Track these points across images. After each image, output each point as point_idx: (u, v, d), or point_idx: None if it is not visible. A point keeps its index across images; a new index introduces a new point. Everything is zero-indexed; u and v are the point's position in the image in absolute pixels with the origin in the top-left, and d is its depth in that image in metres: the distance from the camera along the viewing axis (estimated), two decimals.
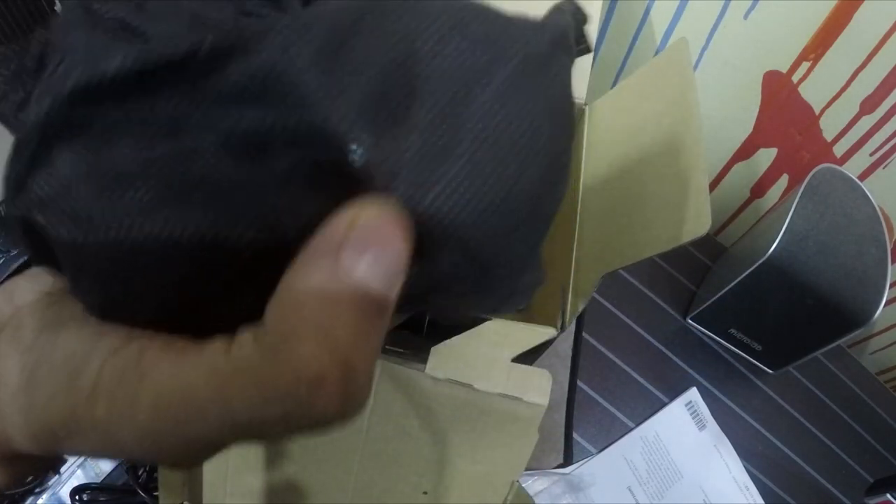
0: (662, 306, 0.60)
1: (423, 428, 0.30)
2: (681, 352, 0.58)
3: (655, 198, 0.33)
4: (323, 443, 0.32)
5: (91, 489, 0.45)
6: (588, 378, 0.54)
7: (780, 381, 0.58)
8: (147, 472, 0.45)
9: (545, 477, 0.48)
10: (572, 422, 0.51)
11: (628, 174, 0.37)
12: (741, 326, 0.56)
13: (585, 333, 0.56)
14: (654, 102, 0.38)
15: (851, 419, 0.57)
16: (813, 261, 0.46)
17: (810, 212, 0.47)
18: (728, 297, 0.53)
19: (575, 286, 0.36)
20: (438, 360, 0.29)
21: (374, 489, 0.32)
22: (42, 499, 0.46)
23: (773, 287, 0.48)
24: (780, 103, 0.55)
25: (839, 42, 0.48)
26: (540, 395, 0.29)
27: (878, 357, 0.68)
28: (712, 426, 0.54)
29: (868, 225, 0.48)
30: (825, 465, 0.54)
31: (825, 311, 0.47)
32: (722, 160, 0.64)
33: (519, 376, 0.29)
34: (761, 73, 0.54)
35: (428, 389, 0.29)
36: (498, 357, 0.30)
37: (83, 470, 0.47)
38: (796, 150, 0.58)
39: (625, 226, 0.34)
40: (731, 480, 0.51)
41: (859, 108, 0.50)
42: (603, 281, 0.33)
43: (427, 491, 0.31)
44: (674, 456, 0.52)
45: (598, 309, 0.59)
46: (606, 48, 0.62)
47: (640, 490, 0.50)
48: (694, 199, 0.30)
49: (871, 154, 0.53)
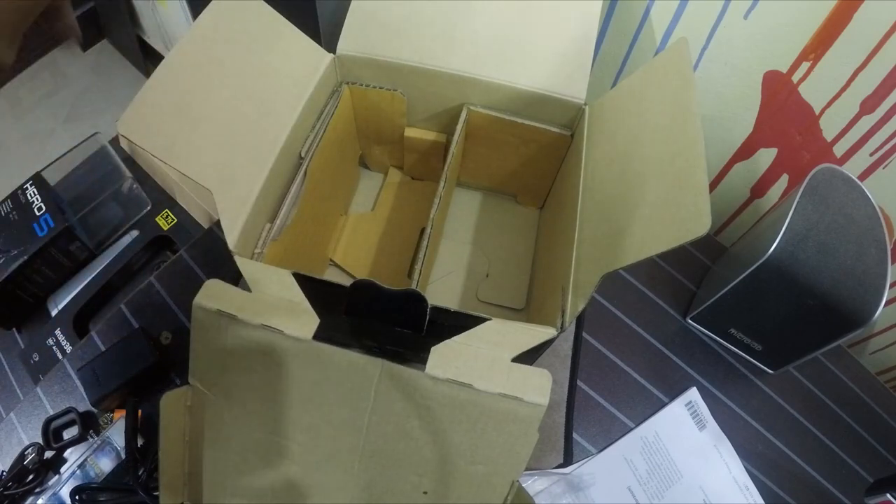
0: (662, 306, 0.60)
1: (422, 428, 0.30)
2: (681, 352, 0.58)
3: (656, 197, 0.33)
4: (323, 442, 0.32)
5: (91, 489, 0.45)
6: (588, 378, 0.55)
7: (780, 381, 0.58)
8: (147, 472, 0.45)
9: (545, 477, 0.48)
10: (572, 422, 0.51)
11: (628, 173, 0.37)
12: (741, 326, 0.56)
13: (585, 333, 0.56)
14: (654, 102, 0.38)
15: (851, 419, 0.57)
16: (813, 261, 0.46)
17: (810, 212, 0.47)
18: (728, 297, 0.53)
19: (575, 286, 0.36)
20: (438, 359, 0.29)
21: (374, 489, 0.32)
22: (42, 499, 0.46)
23: (773, 287, 0.48)
24: (780, 103, 0.55)
25: (839, 42, 0.48)
26: (540, 394, 0.28)
27: (878, 357, 0.68)
28: (712, 426, 0.54)
29: (868, 225, 0.48)
30: (825, 465, 0.54)
31: (825, 311, 0.47)
32: (722, 160, 0.64)
33: (519, 376, 0.29)
34: (761, 73, 0.54)
35: (428, 389, 0.29)
36: (498, 357, 0.30)
37: (83, 470, 0.47)
38: (796, 150, 0.58)
39: (625, 226, 0.34)
40: (731, 480, 0.51)
41: (859, 108, 0.50)
42: (603, 281, 0.33)
43: (427, 491, 0.31)
44: (674, 456, 0.52)
45: (598, 309, 0.59)
46: (606, 48, 0.62)
47: (640, 490, 0.50)
48: (694, 199, 0.30)
49: (871, 154, 0.53)
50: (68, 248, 0.61)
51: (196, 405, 0.33)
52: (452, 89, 0.48)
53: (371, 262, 0.56)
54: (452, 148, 0.47)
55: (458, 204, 0.61)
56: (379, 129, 0.55)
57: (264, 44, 0.42)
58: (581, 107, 0.46)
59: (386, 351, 0.30)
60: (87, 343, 0.54)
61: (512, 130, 0.50)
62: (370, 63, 0.48)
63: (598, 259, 0.35)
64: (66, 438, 0.48)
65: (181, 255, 0.59)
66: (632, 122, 0.40)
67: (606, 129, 0.43)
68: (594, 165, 0.42)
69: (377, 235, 0.58)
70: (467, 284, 0.55)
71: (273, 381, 0.31)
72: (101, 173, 0.67)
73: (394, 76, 0.49)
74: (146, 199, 0.69)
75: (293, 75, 0.44)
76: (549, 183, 0.56)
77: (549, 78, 0.46)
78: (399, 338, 0.31)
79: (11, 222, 0.59)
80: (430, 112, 0.52)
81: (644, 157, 0.36)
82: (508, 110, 0.49)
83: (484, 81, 0.47)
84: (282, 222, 0.42)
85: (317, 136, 0.46)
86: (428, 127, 0.54)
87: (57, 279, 0.63)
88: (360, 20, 0.48)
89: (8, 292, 0.59)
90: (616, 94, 0.44)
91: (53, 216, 0.59)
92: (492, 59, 0.47)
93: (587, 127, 0.45)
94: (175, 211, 0.69)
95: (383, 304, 0.32)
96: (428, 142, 0.55)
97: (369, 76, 0.49)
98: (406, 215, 0.59)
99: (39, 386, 0.52)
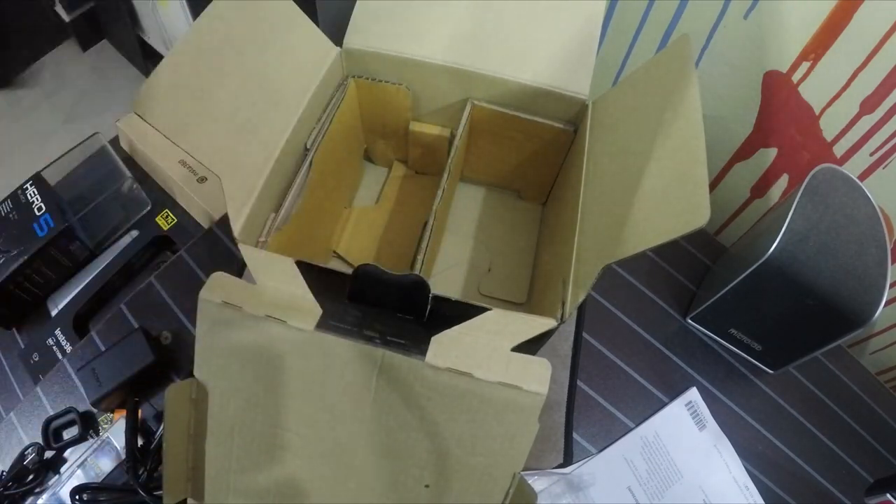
0: (662, 306, 0.60)
1: (423, 418, 0.30)
2: (681, 352, 0.58)
3: (656, 190, 0.33)
4: (325, 434, 0.32)
5: (91, 489, 0.45)
6: (588, 378, 0.55)
7: (780, 381, 0.58)
8: (147, 472, 0.45)
9: (545, 477, 0.48)
10: (572, 422, 0.51)
11: (629, 167, 0.37)
12: (741, 326, 0.56)
13: (585, 333, 0.56)
14: (656, 97, 0.38)
15: (851, 419, 0.57)
16: (813, 261, 0.46)
17: (810, 212, 0.47)
18: (728, 297, 0.53)
19: (575, 278, 0.36)
20: (438, 348, 0.30)
21: (376, 483, 0.32)
22: (42, 499, 0.46)
23: (773, 287, 0.48)
24: (780, 103, 0.55)
25: (839, 42, 0.48)
26: (539, 383, 0.28)
27: (878, 357, 0.68)
28: (712, 426, 0.54)
29: (868, 225, 0.48)
30: (825, 465, 0.54)
31: (825, 311, 0.47)
32: (722, 160, 0.64)
33: (518, 365, 0.29)
34: (761, 73, 0.54)
35: (428, 379, 0.29)
36: (498, 346, 0.30)
37: (83, 470, 0.47)
38: (796, 150, 0.58)
39: (625, 218, 0.34)
40: (731, 480, 0.51)
41: (859, 108, 0.50)
42: (603, 274, 0.33)
43: (429, 484, 0.31)
44: (674, 456, 0.52)
45: (598, 309, 0.59)
46: (607, 48, 0.62)
47: (640, 490, 0.50)
48: (693, 192, 0.30)
49: (871, 154, 0.53)
50: (68, 248, 0.61)
51: (200, 398, 0.33)
52: (457, 84, 0.49)
53: (374, 254, 0.56)
54: (456, 142, 0.48)
55: (461, 199, 0.61)
56: (384, 122, 0.55)
57: (276, 32, 0.42)
58: (584, 102, 0.46)
59: (387, 342, 0.30)
60: (87, 343, 0.54)
61: (515, 125, 0.50)
62: (376, 57, 0.48)
63: (599, 251, 0.35)
64: (66, 438, 0.48)
65: (181, 255, 0.59)
66: (634, 117, 0.40)
67: (609, 125, 0.43)
68: (596, 160, 0.42)
69: (381, 228, 0.58)
70: (469, 278, 0.55)
71: (275, 373, 0.31)
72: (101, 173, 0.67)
73: (399, 70, 0.49)
74: (146, 199, 0.69)
75: (301, 67, 0.45)
76: (552, 179, 0.56)
77: (553, 73, 0.46)
78: (400, 329, 0.31)
79: (11, 222, 0.59)
80: (435, 106, 0.52)
81: (645, 151, 0.36)
82: (512, 105, 0.49)
83: (488, 76, 0.47)
84: (286, 212, 0.42)
85: (322, 128, 0.46)
86: (432, 121, 0.54)
87: (57, 279, 0.63)
88: (366, 15, 0.48)
89: (8, 292, 0.58)
90: (619, 89, 0.44)
91: (53, 216, 0.59)
92: (496, 54, 0.47)
93: (589, 122, 0.45)
94: (175, 211, 0.69)
95: (386, 289, 0.32)
96: (432, 136, 0.55)
97: (375, 70, 0.50)
98: (409, 209, 0.59)
99: (39, 386, 0.52)
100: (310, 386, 0.31)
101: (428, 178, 0.62)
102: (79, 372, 0.49)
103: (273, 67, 0.42)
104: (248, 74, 0.40)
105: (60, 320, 0.61)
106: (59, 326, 0.60)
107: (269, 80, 0.41)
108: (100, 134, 0.69)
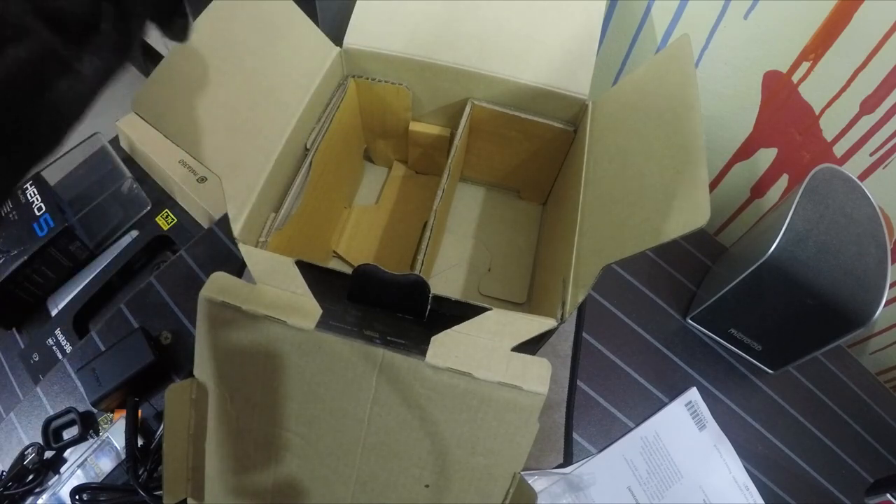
0: (662, 306, 0.60)
1: (423, 418, 0.30)
2: (681, 352, 0.58)
3: (656, 190, 0.33)
4: (325, 436, 0.32)
5: (91, 489, 0.45)
6: (588, 378, 0.55)
7: (780, 381, 0.58)
8: (147, 472, 0.45)
9: (545, 477, 0.48)
10: (572, 422, 0.51)
11: (629, 167, 0.37)
12: (741, 326, 0.56)
13: (585, 333, 0.56)
14: (656, 97, 0.38)
15: (851, 419, 0.57)
16: (813, 261, 0.46)
17: (810, 212, 0.47)
18: (728, 297, 0.53)
19: (575, 278, 0.36)
20: (438, 348, 0.30)
21: (376, 483, 0.32)
22: (42, 499, 0.46)
23: (773, 287, 0.48)
24: (780, 103, 0.55)
25: (839, 42, 0.48)
26: (539, 383, 0.28)
27: (878, 357, 0.68)
28: (712, 426, 0.54)
29: (868, 225, 0.48)
30: (825, 465, 0.54)
31: (825, 311, 0.47)
32: (722, 160, 0.64)
33: (518, 365, 0.29)
34: (761, 73, 0.54)
35: (428, 378, 0.29)
36: (497, 346, 0.30)
37: (83, 470, 0.47)
38: (796, 150, 0.58)
39: (625, 218, 0.34)
40: (731, 480, 0.51)
41: (859, 108, 0.50)
42: (603, 274, 0.33)
43: (429, 484, 0.31)
44: (674, 456, 0.52)
45: (599, 309, 0.59)
46: (606, 48, 0.62)
47: (640, 490, 0.50)
48: (693, 191, 0.30)
49: (871, 154, 0.53)
50: (68, 248, 0.61)
51: (200, 398, 0.33)
52: (457, 84, 0.49)
53: (374, 254, 0.56)
54: (456, 142, 0.48)
55: (461, 199, 0.61)
56: (384, 122, 0.55)
57: (276, 32, 0.42)
58: (584, 102, 0.46)
59: (387, 342, 0.30)
60: (87, 343, 0.54)
61: (515, 125, 0.50)
62: (376, 57, 0.48)
63: (599, 251, 0.35)
64: (66, 438, 0.48)
65: (181, 255, 0.59)
66: (634, 117, 0.40)
67: (609, 124, 0.43)
68: (596, 159, 0.42)
69: (380, 228, 0.58)
70: (469, 278, 0.55)
71: (276, 373, 0.31)
72: (101, 173, 0.67)
73: (399, 70, 0.49)
74: (146, 199, 0.69)
75: (301, 66, 0.45)
76: (552, 178, 0.56)
77: (553, 73, 0.46)
78: (400, 329, 0.31)
79: (11, 222, 0.59)
80: (435, 106, 0.52)
81: (645, 151, 0.36)
82: (512, 105, 0.49)
83: (488, 76, 0.47)
84: (286, 212, 0.42)
85: (322, 129, 0.46)
86: (432, 121, 0.55)
87: (57, 279, 0.63)
88: (366, 15, 0.48)
89: (8, 292, 0.59)
90: (619, 89, 0.44)
91: (53, 216, 0.59)
92: (496, 54, 0.47)
93: (590, 122, 0.45)
94: (175, 211, 0.69)
95: (386, 289, 0.32)
96: (432, 136, 0.55)
97: (375, 70, 0.50)
98: (409, 209, 0.59)
99: (39, 386, 0.52)
100: (310, 386, 0.31)
101: (428, 177, 0.62)
102: (79, 372, 0.49)
103: (273, 67, 0.42)
104: (248, 74, 0.40)
105: (60, 320, 0.61)
106: (59, 326, 0.60)
107: (269, 79, 0.41)
108: (100, 134, 0.69)
